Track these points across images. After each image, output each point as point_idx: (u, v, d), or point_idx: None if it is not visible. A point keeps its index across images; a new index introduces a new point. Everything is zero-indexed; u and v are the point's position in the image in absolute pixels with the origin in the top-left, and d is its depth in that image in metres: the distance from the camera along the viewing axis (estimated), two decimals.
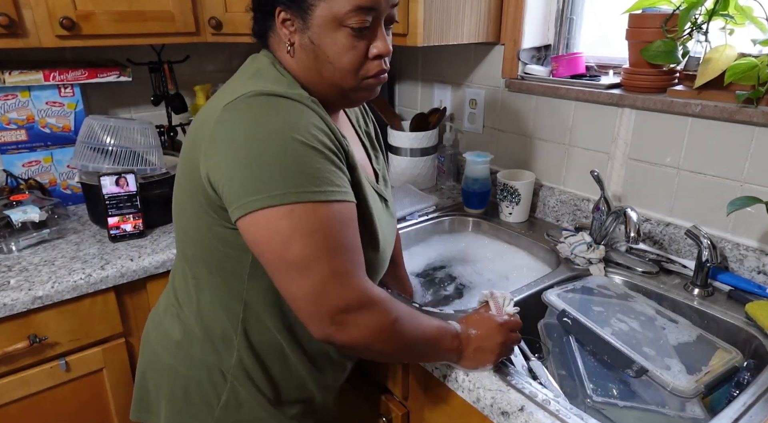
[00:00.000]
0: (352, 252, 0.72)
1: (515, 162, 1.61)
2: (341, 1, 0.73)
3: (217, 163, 0.71)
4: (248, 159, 0.68)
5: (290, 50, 0.78)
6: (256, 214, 0.68)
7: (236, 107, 0.72)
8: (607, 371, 0.95)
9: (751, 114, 1.07)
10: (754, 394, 0.84)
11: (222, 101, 0.74)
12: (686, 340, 0.99)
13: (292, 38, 0.78)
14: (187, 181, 0.78)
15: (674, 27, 1.16)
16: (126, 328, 1.28)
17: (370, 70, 0.79)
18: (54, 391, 1.22)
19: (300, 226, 0.68)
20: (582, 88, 1.36)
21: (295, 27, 0.77)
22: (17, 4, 1.23)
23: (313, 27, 0.75)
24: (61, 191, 1.57)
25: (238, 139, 0.69)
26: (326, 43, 0.76)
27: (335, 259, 0.70)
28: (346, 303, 0.70)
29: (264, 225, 0.68)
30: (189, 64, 1.77)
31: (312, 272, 0.69)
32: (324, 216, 0.69)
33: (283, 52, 0.80)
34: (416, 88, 1.93)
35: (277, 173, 0.68)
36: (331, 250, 0.70)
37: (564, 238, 1.29)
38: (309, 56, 0.77)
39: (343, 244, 0.71)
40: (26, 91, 1.46)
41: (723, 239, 1.18)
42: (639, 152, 1.30)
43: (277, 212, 0.68)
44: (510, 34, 1.51)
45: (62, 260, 1.24)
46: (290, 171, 0.68)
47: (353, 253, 0.73)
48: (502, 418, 0.82)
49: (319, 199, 0.69)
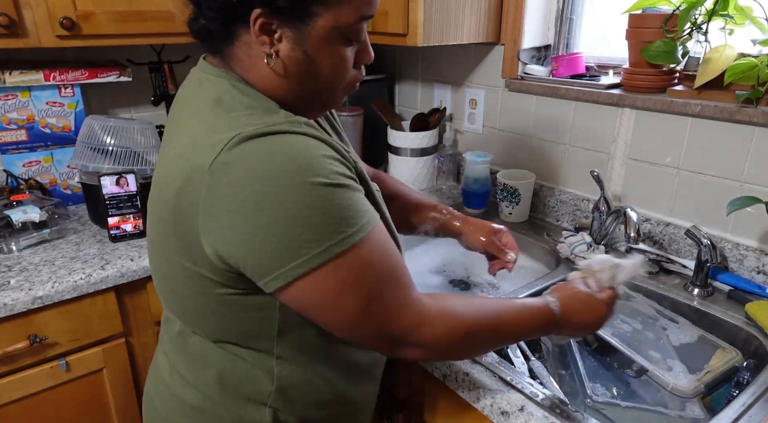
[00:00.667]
0: (399, 273, 0.68)
1: (515, 162, 1.61)
2: (348, 10, 0.65)
3: (229, 238, 0.61)
4: (269, 225, 0.59)
5: (270, 62, 0.65)
6: (300, 282, 0.61)
7: (227, 166, 0.59)
8: (607, 371, 0.95)
9: (751, 114, 1.07)
10: (753, 394, 0.84)
11: (196, 155, 0.61)
12: (687, 340, 0.99)
13: (277, 48, 0.65)
14: (179, 254, 0.67)
15: (674, 27, 1.16)
16: (126, 328, 1.28)
17: (354, 79, 0.73)
18: (54, 391, 1.22)
19: (349, 277, 0.62)
20: (582, 88, 1.36)
21: (280, 36, 0.64)
22: (17, 4, 1.23)
23: (311, 39, 0.65)
24: (61, 191, 1.57)
25: (247, 206, 0.59)
26: (323, 55, 0.66)
27: (389, 292, 0.66)
28: (406, 330, 0.67)
29: (312, 290, 0.62)
30: (189, 64, 1.76)
31: (372, 316, 0.65)
32: (366, 255, 0.63)
33: (253, 65, 0.67)
34: (416, 88, 1.93)
35: (309, 229, 0.59)
36: (383, 285, 0.65)
37: (564, 238, 1.30)
38: (297, 70, 0.67)
39: (389, 272, 0.66)
40: (26, 91, 1.46)
41: (723, 239, 1.18)
42: (639, 152, 1.30)
43: (323, 273, 0.61)
44: (510, 34, 1.51)
45: (62, 260, 1.24)
46: (322, 222, 0.60)
47: (400, 273, 0.68)
48: (502, 418, 0.82)
49: (358, 238, 0.62)
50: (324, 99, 0.73)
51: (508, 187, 1.47)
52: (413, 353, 0.70)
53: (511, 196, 1.47)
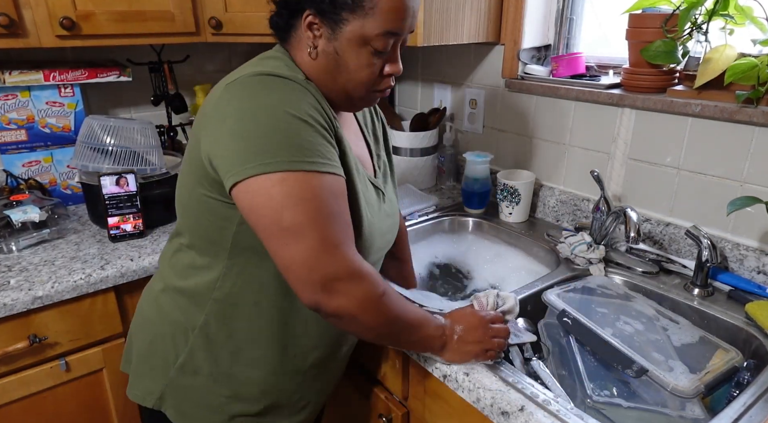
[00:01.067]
0: (343, 224, 0.75)
1: (515, 162, 1.61)
2: (373, 23, 0.77)
3: (215, 138, 0.75)
4: (241, 132, 0.72)
5: (311, 52, 0.82)
6: (249, 181, 0.71)
7: (234, 86, 0.76)
8: (607, 371, 0.95)
9: (751, 114, 1.07)
10: (754, 394, 0.84)
11: (225, 80, 0.80)
12: (688, 340, 0.99)
13: (316, 42, 0.81)
14: (189, 156, 0.83)
15: (674, 27, 1.16)
16: (126, 328, 1.28)
17: (380, 85, 0.85)
18: (54, 391, 1.22)
19: (292, 193, 0.71)
20: (582, 88, 1.36)
21: (321, 33, 0.80)
22: (17, 4, 1.23)
23: (340, 39, 0.79)
24: (61, 191, 1.57)
25: (233, 114, 0.73)
26: (349, 56, 0.80)
27: (327, 227, 0.72)
28: (336, 271, 0.72)
29: (257, 191, 0.71)
30: (189, 64, 1.77)
31: (304, 238, 0.71)
32: (316, 185, 0.72)
33: (301, 52, 0.83)
34: (416, 88, 1.93)
35: (270, 144, 0.71)
36: (323, 218, 0.72)
37: (564, 238, 1.29)
38: (329, 62, 0.81)
39: (333, 215, 0.73)
40: (26, 91, 1.46)
41: (723, 239, 1.18)
42: (639, 152, 1.30)
43: (270, 179, 0.70)
44: (510, 34, 1.51)
45: (62, 260, 1.24)
46: (282, 142, 0.72)
47: (344, 225, 0.75)
48: (502, 418, 0.82)
49: (311, 169, 0.72)
50: (350, 93, 0.85)
51: (508, 187, 1.47)
52: (335, 302, 0.73)
53: (511, 196, 1.47)
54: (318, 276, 0.72)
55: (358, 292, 0.74)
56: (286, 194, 0.71)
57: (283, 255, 0.72)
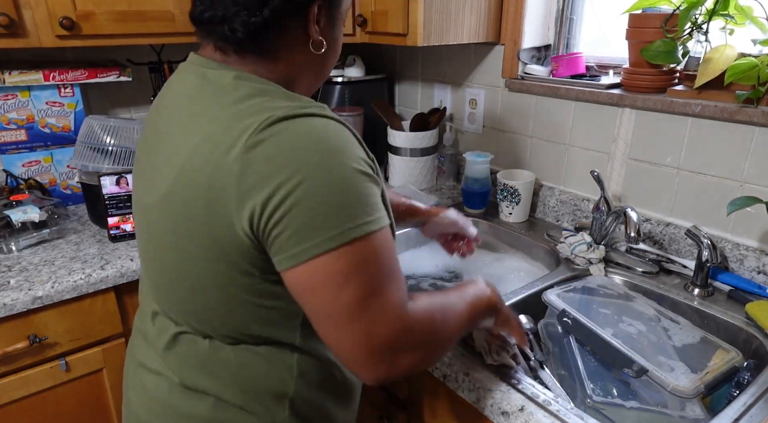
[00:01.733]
0: (400, 279, 0.66)
1: (515, 162, 1.61)
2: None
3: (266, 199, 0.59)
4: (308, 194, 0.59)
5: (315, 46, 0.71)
6: (312, 263, 0.60)
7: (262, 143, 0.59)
8: (607, 371, 0.95)
9: (751, 114, 1.07)
10: (754, 394, 0.84)
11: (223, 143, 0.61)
12: (689, 341, 0.99)
13: (322, 35, 0.71)
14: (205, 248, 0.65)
15: (674, 27, 1.16)
16: (126, 328, 1.28)
17: None
18: (54, 391, 1.22)
19: (357, 264, 0.60)
20: (582, 88, 1.36)
21: (323, 23, 0.71)
22: (17, 4, 1.23)
23: (337, 22, 0.73)
24: (61, 191, 1.57)
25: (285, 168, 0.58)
26: (340, 37, 0.75)
27: (389, 291, 0.63)
28: (397, 337, 0.63)
29: (319, 272, 0.60)
30: None
31: (365, 312, 0.61)
32: (378, 246, 0.62)
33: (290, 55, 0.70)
34: (416, 88, 1.93)
35: (332, 210, 0.59)
36: (385, 282, 0.63)
37: (564, 238, 1.29)
38: (329, 51, 0.73)
39: (393, 273, 0.64)
40: (26, 91, 1.46)
41: (723, 239, 1.18)
42: (639, 152, 1.30)
43: (334, 256, 0.59)
44: (510, 34, 1.51)
45: (62, 260, 1.24)
46: (344, 204, 0.60)
47: (400, 282, 0.66)
48: (502, 418, 0.82)
49: (374, 229, 0.62)
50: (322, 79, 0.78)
51: (508, 187, 1.47)
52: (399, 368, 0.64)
53: (511, 196, 1.47)
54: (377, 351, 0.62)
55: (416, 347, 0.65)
56: (349, 267, 0.60)
57: (338, 335, 0.62)
